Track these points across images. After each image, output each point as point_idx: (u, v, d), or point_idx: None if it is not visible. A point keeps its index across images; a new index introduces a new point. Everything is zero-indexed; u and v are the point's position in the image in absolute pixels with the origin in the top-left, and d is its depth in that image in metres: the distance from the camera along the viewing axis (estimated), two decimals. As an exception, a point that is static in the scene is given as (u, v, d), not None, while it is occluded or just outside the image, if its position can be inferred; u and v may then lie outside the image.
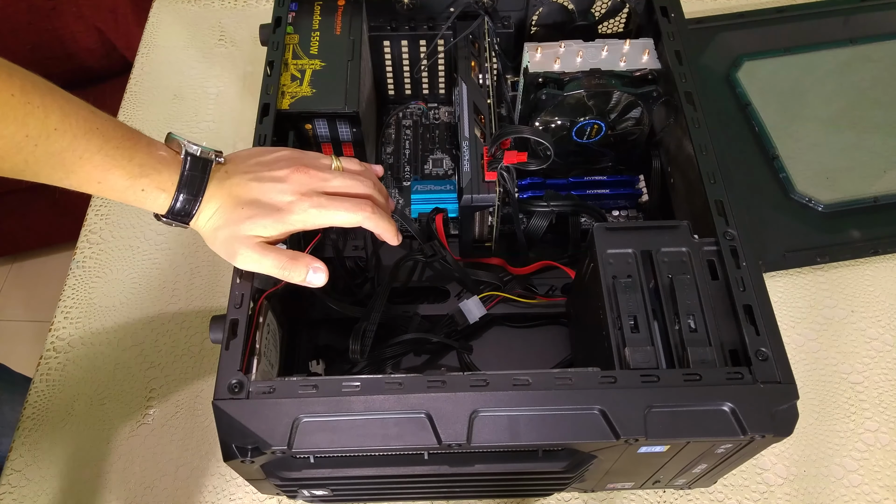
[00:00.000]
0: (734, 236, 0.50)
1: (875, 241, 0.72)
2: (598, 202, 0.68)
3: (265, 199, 0.47)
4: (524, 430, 0.44)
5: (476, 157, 0.59)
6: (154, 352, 0.69)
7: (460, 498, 0.60)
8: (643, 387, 0.44)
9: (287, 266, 0.47)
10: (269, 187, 0.47)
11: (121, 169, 0.43)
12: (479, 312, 0.63)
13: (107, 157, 0.43)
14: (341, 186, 0.49)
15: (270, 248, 0.47)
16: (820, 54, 0.85)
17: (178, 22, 0.94)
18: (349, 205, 0.48)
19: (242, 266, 0.47)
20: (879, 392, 0.65)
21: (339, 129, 0.62)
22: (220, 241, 0.47)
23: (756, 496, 0.60)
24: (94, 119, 0.43)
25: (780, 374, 0.44)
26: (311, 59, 0.62)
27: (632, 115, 0.64)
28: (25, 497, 0.61)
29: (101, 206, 0.79)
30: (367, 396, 0.44)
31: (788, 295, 0.71)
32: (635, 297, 0.48)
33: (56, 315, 0.71)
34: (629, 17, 0.70)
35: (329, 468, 0.48)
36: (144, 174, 0.44)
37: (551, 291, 0.65)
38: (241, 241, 0.46)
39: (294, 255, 0.48)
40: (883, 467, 0.61)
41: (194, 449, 0.64)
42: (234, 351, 0.46)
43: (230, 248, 0.46)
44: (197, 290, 0.72)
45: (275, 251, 0.47)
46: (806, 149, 0.78)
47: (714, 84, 0.84)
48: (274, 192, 0.47)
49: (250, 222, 0.46)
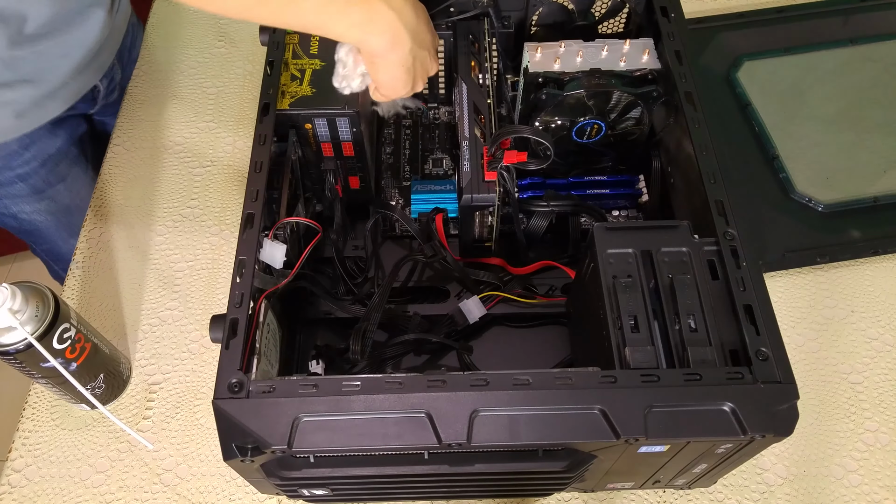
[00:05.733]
0: (734, 236, 0.50)
1: (875, 241, 0.72)
2: (598, 202, 0.68)
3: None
4: (524, 429, 0.44)
5: (476, 156, 0.59)
6: (154, 351, 0.69)
7: (460, 498, 0.60)
8: (643, 386, 0.44)
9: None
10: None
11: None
12: (479, 312, 0.63)
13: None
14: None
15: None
16: (820, 54, 0.85)
17: (178, 22, 0.94)
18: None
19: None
20: (879, 392, 0.65)
21: (339, 128, 0.62)
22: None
23: (756, 496, 0.60)
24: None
25: (780, 374, 0.44)
26: (311, 59, 0.62)
27: (632, 114, 0.64)
28: (25, 497, 0.61)
29: (101, 207, 0.79)
30: (367, 396, 0.44)
31: (788, 295, 0.71)
32: (635, 296, 0.48)
33: (56, 315, 0.71)
34: (629, 17, 0.70)
35: (329, 468, 0.48)
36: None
37: (551, 291, 0.65)
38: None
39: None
40: (883, 467, 0.61)
41: (194, 448, 0.63)
42: (234, 350, 0.46)
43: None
44: (197, 290, 0.72)
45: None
46: (806, 149, 0.78)
47: (714, 84, 0.84)
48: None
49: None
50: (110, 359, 0.63)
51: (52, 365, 0.55)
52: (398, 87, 0.53)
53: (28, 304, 0.53)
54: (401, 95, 0.54)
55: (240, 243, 0.51)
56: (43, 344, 0.54)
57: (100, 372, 0.62)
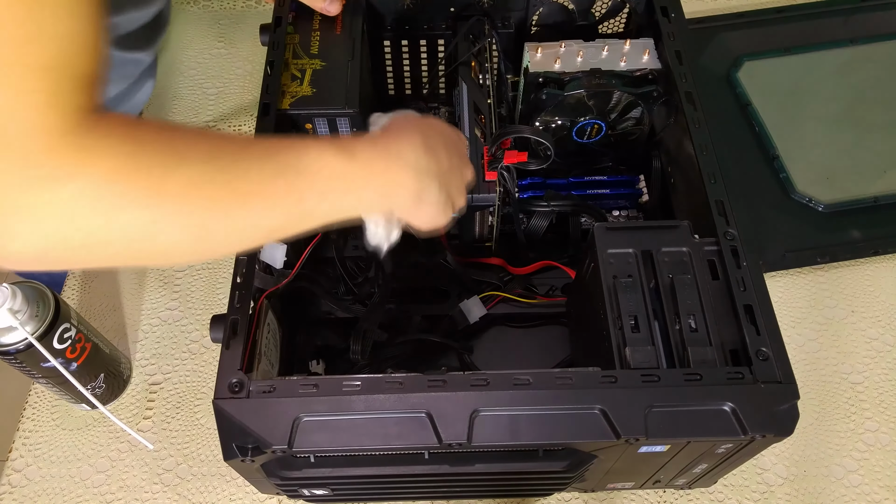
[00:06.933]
0: (735, 236, 0.50)
1: (875, 241, 0.72)
2: (599, 202, 0.68)
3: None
4: (524, 429, 0.44)
5: (476, 156, 0.59)
6: (154, 351, 0.69)
7: (460, 497, 0.60)
8: (644, 386, 0.44)
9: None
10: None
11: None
12: (479, 312, 0.63)
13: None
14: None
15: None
16: (820, 54, 0.85)
17: (178, 22, 0.94)
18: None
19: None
20: (880, 392, 0.65)
21: (339, 128, 0.62)
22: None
23: (756, 496, 0.60)
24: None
25: (780, 374, 0.44)
26: (311, 59, 0.62)
27: (632, 114, 0.64)
28: (25, 497, 0.61)
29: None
30: (367, 396, 0.44)
31: (789, 295, 0.71)
32: (636, 296, 0.48)
33: (56, 315, 0.71)
34: (629, 16, 0.70)
35: (329, 467, 0.48)
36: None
37: (551, 291, 0.65)
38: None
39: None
40: (883, 467, 0.61)
41: (194, 448, 0.63)
42: (234, 350, 0.46)
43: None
44: (197, 290, 0.72)
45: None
46: (806, 149, 0.78)
47: (714, 84, 0.84)
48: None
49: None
50: (110, 359, 0.63)
51: (53, 365, 0.55)
52: (438, 223, 0.48)
53: (28, 303, 0.53)
54: (442, 226, 0.49)
55: (240, 243, 0.51)
56: (43, 344, 0.54)
57: (100, 372, 0.62)
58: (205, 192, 0.33)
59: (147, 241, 0.32)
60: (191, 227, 0.33)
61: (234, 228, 0.35)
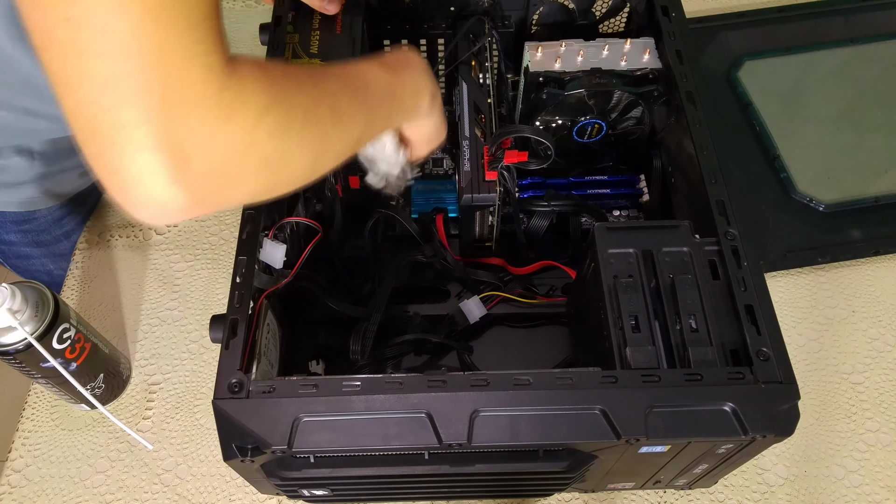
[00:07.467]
0: (735, 236, 0.50)
1: (876, 241, 0.72)
2: (599, 202, 0.68)
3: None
4: (525, 429, 0.43)
5: (476, 156, 0.59)
6: (154, 351, 0.69)
7: (460, 498, 0.60)
8: (644, 387, 0.44)
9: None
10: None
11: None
12: (480, 312, 0.63)
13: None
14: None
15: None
16: (820, 54, 0.85)
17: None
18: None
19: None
20: (880, 392, 0.65)
21: (339, 128, 0.62)
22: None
23: (757, 496, 0.60)
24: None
25: (781, 374, 0.44)
26: (311, 59, 0.62)
27: (633, 114, 0.64)
28: (25, 497, 0.61)
29: (100, 208, 0.79)
30: (367, 396, 0.44)
31: (789, 295, 0.71)
32: (636, 296, 0.48)
33: (56, 315, 0.71)
34: (630, 16, 0.70)
35: (329, 468, 0.48)
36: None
37: (551, 291, 0.65)
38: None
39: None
40: (884, 467, 0.61)
41: (194, 449, 0.63)
42: (234, 350, 0.46)
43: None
44: (197, 290, 0.72)
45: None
46: (807, 148, 0.78)
47: (715, 84, 0.84)
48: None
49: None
50: (110, 359, 0.63)
51: (52, 365, 0.55)
52: (439, 138, 0.55)
53: (28, 304, 0.53)
54: (441, 141, 0.55)
55: (240, 243, 0.51)
56: (43, 344, 0.54)
57: (100, 372, 0.62)
58: (319, 113, 0.38)
59: (289, 163, 0.37)
60: (313, 144, 0.38)
61: (334, 142, 0.40)
